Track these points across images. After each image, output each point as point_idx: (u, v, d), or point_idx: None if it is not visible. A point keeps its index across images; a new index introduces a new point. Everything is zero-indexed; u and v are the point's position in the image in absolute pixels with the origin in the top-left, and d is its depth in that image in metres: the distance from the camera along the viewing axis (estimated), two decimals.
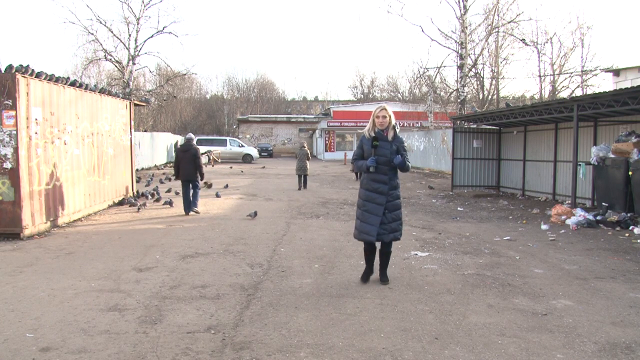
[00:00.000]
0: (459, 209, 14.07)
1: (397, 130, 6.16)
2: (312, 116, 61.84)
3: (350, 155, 31.19)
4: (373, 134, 6.08)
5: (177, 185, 19.68)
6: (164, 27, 31.24)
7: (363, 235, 6.13)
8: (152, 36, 31.40)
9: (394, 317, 5.14)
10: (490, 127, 19.48)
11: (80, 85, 11.39)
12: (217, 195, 16.27)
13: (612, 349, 4.37)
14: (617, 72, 27.32)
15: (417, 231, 10.28)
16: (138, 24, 30.61)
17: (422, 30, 37.20)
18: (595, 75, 33.81)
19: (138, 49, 31.05)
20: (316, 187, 20.47)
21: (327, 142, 50.76)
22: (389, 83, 65.51)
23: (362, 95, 73.38)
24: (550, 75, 36.16)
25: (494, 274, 6.87)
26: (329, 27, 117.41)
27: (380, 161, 6.03)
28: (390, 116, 6.10)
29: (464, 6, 27.83)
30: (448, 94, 33.63)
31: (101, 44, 31.16)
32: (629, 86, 11.99)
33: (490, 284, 6.38)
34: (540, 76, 36.23)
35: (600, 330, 4.82)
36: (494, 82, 35.07)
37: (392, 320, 5.05)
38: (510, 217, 12.45)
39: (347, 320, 5.00)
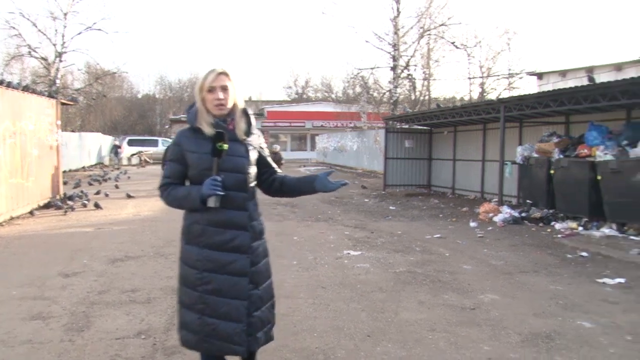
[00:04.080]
0: (391, 208, 14.31)
1: (253, 119, 3.11)
2: None
3: (285, 153, 30.60)
4: (212, 130, 2.88)
5: (107, 187, 19.08)
6: (93, 24, 30.03)
7: (215, 343, 2.92)
8: (80, 33, 30.08)
9: (327, 316, 5.14)
10: (422, 127, 19.91)
11: (1, 83, 10.77)
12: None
13: (534, 339, 4.55)
14: (540, 76, 28.70)
15: (350, 230, 10.37)
16: (65, 19, 29.27)
17: (356, 32, 37.64)
18: (521, 78, 35.42)
19: (65, 45, 29.72)
20: None
21: None
22: (323, 84, 65.90)
23: (296, 96, 73.32)
24: (479, 77, 37.52)
25: (424, 271, 7.02)
26: (264, 27, 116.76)
27: (230, 183, 2.87)
28: (235, 90, 3.00)
29: (397, 9, 28.39)
30: (381, 94, 34.18)
31: (24, 39, 29.63)
32: (550, 89, 12.57)
33: (421, 281, 6.51)
34: (469, 78, 37.53)
35: (524, 322, 5.01)
36: (425, 83, 36.04)
37: (325, 319, 5.05)
38: (441, 216, 12.78)
39: (281, 321, 4.91)
